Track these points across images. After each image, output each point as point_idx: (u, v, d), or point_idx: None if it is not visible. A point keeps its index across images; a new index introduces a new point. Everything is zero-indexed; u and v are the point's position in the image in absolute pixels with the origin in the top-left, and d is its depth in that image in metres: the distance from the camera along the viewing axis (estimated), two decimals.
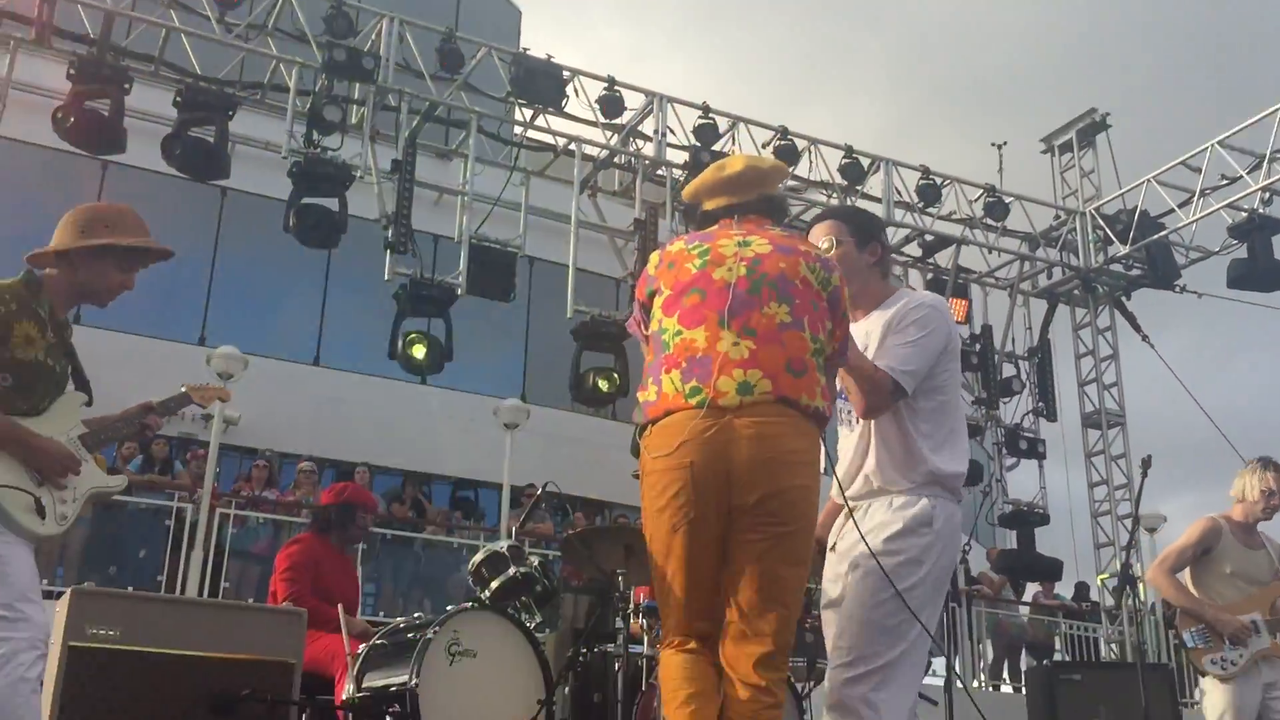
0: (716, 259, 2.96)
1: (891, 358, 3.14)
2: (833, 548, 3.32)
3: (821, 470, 2.98)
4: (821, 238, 3.34)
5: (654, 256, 3.15)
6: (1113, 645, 12.92)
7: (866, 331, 3.27)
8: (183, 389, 3.89)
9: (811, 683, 6.23)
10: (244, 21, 10.07)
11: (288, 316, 15.14)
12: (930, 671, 10.00)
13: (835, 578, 3.27)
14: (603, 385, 10.75)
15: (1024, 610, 13.82)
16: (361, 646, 4.87)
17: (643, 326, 3.09)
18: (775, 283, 2.89)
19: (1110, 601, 12.82)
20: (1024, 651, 13.42)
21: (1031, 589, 13.76)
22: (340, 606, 4.98)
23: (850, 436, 3.32)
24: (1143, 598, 11.63)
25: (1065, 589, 13.86)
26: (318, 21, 10.03)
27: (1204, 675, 4.96)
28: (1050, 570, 12.79)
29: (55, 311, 3.40)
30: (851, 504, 3.25)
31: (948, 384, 3.28)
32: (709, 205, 3.21)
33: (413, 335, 10.18)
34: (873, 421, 3.22)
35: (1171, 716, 6.12)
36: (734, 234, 3.06)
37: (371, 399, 14.43)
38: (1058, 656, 12.97)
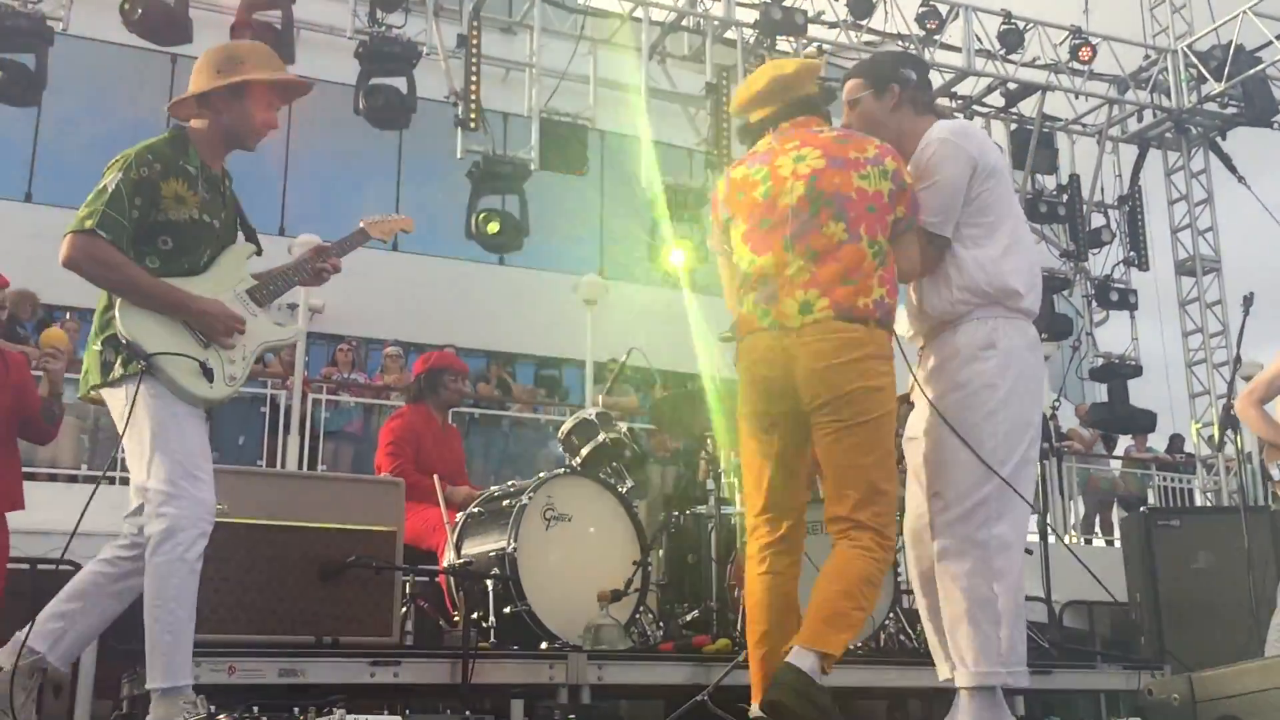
0: (778, 183, 3.15)
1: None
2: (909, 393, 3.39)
3: (891, 362, 3.10)
4: (845, 102, 3.45)
5: (720, 184, 3.35)
6: (1208, 494, 12.74)
7: None
8: (361, 225, 3.86)
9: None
10: None
11: (363, 202, 15.20)
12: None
13: (917, 422, 3.28)
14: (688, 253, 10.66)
15: (1115, 465, 13.66)
16: (459, 515, 4.98)
17: (723, 244, 3.33)
18: (832, 200, 3.08)
19: (1206, 451, 12.60)
20: (1115, 506, 13.31)
21: (1124, 443, 13.58)
22: (437, 477, 5.07)
23: None
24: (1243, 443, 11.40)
25: (1158, 441, 13.66)
26: None
27: None
28: (1144, 422, 12.58)
29: (207, 165, 3.32)
30: (918, 342, 3.41)
31: (992, 204, 3.25)
32: (754, 118, 3.38)
33: (484, 214, 10.16)
34: None
35: (1274, 559, 6.03)
36: (789, 148, 3.20)
37: (451, 281, 14.52)
38: (1153, 501, 12.86)
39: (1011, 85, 11.84)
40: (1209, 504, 12.51)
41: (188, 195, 3.22)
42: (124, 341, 3.08)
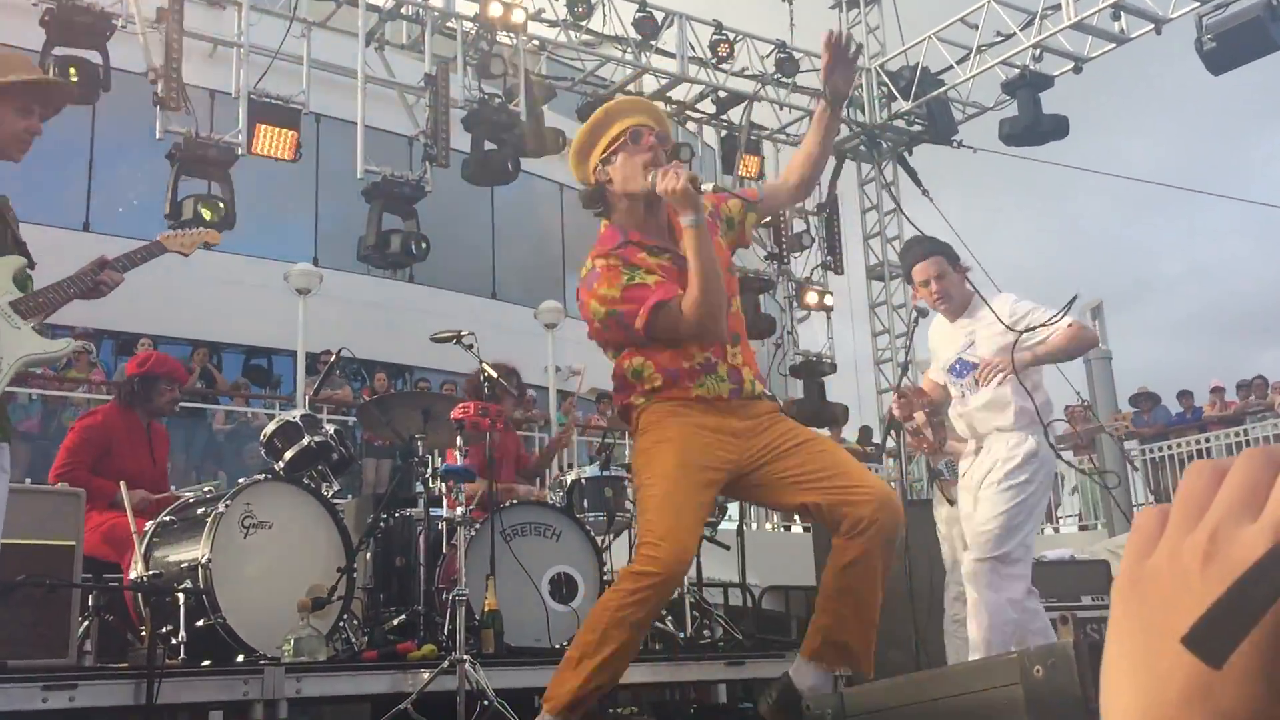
0: None
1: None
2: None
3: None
4: (931, 272, 4.51)
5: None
6: (892, 483, 13.76)
7: (970, 330, 4.49)
8: (157, 238, 3.57)
9: (612, 535, 6.42)
10: None
11: (50, 179, 14.09)
12: (727, 517, 10.49)
13: None
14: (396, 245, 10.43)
15: None
16: (148, 524, 4.73)
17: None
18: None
19: (891, 444, 13.58)
20: None
21: (821, 435, 14.45)
22: (123, 484, 4.80)
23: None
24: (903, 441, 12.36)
25: (850, 433, 14.63)
26: None
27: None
28: (837, 416, 13.43)
29: None
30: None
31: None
32: None
33: (191, 199, 9.61)
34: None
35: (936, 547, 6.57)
36: None
37: (150, 266, 13.65)
38: None
39: (722, 93, 12.33)
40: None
41: None
42: None
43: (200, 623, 4.29)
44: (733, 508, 11.97)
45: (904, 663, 5.26)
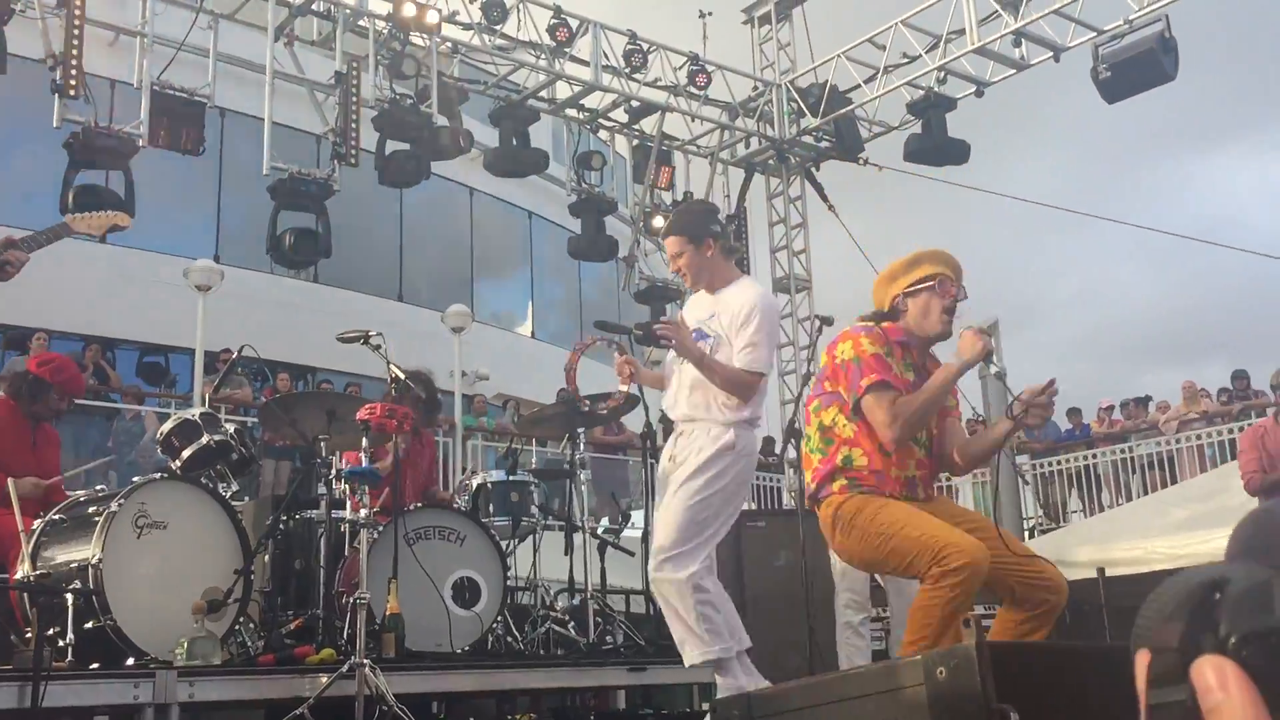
0: None
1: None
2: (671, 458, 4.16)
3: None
4: (672, 250, 4.22)
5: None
6: (793, 493, 13.93)
7: (714, 304, 4.16)
8: (64, 220, 3.41)
9: (516, 540, 6.41)
10: None
11: None
12: (630, 524, 10.47)
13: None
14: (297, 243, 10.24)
15: None
16: (36, 522, 4.58)
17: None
18: None
19: (792, 454, 13.75)
20: None
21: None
22: (10, 479, 4.65)
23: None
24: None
25: None
26: None
27: None
28: None
29: None
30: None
31: None
32: None
33: (82, 188, 9.33)
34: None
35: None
36: None
37: (43, 258, 13.22)
38: (747, 506, 13.89)
39: (635, 103, 12.38)
40: (793, 503, 13.67)
41: None
42: None
43: (89, 624, 4.17)
44: (636, 515, 12.01)
45: (799, 666, 5.36)
